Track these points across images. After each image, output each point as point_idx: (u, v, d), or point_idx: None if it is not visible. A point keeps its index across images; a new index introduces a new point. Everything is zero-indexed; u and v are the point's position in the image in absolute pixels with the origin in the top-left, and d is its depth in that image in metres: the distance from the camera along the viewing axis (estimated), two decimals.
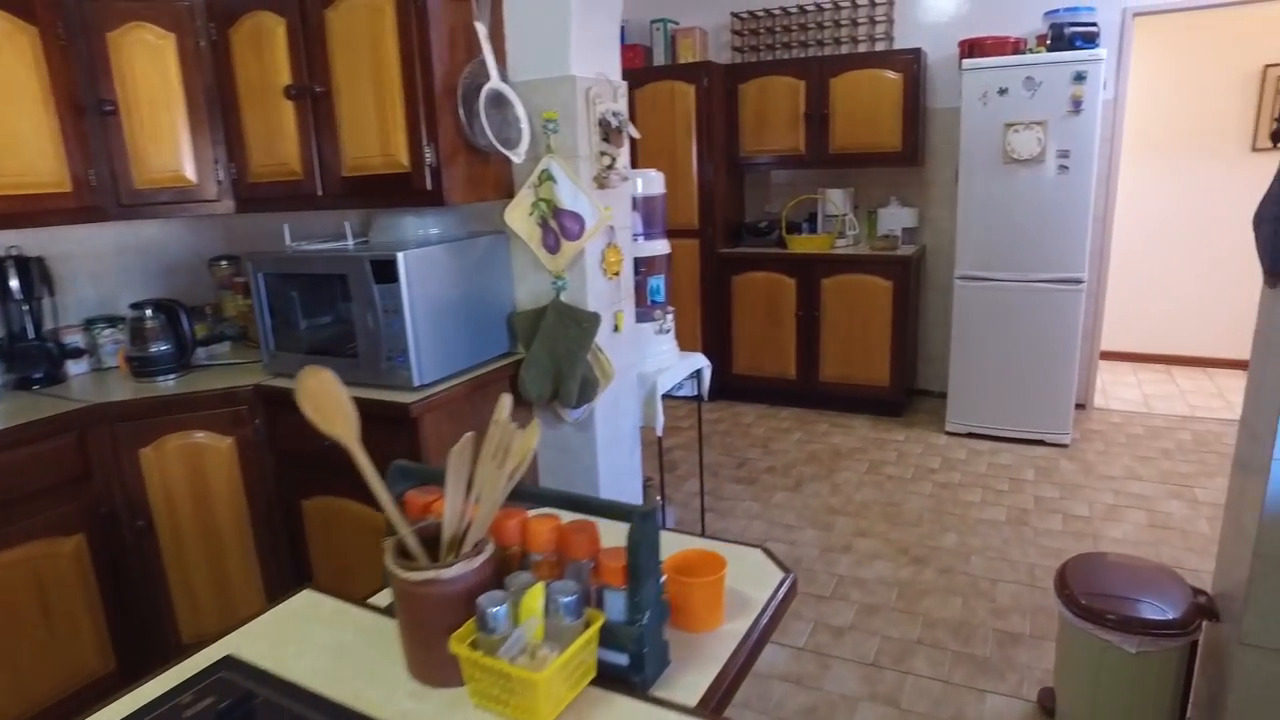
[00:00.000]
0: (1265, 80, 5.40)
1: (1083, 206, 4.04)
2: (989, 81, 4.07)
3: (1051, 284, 4.17)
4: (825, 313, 4.87)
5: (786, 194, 5.37)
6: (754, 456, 4.41)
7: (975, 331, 4.39)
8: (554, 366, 2.41)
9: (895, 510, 3.69)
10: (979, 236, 4.27)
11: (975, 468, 4.14)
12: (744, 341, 5.15)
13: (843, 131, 4.82)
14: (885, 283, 4.68)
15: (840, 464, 4.25)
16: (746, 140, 5.10)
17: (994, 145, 4.12)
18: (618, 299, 2.58)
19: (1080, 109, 3.92)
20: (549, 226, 2.35)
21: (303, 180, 2.34)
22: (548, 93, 2.31)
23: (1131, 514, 3.61)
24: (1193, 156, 5.65)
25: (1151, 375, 5.68)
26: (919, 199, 5.08)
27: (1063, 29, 4.04)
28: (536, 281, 2.48)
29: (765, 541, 3.46)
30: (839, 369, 4.92)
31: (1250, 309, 5.64)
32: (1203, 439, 4.47)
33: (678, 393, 3.06)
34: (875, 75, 4.69)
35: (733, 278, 5.08)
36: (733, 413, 5.13)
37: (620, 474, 2.71)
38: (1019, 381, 4.35)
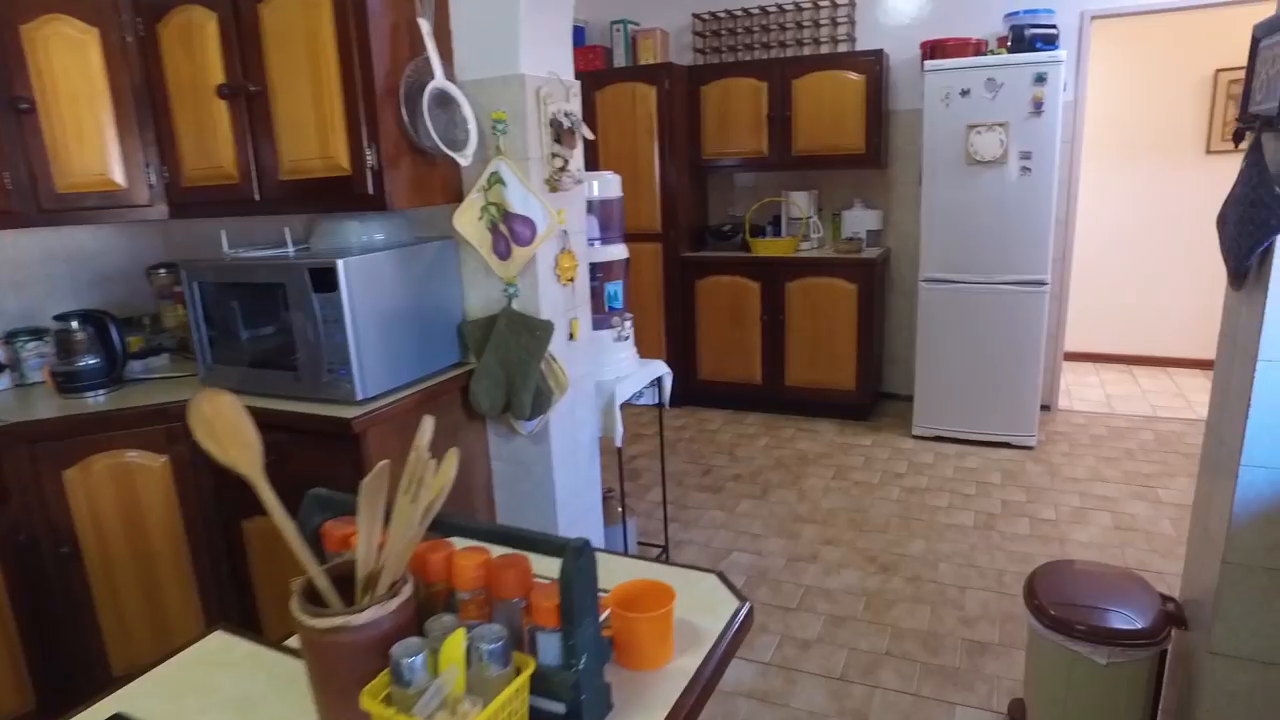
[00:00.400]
0: (1217, 84, 5.45)
1: (1045, 208, 4.03)
2: (951, 83, 4.04)
3: (1015, 286, 4.15)
4: (790, 317, 4.81)
5: (750, 197, 5.31)
6: (720, 463, 4.34)
7: (940, 335, 4.36)
8: (506, 377, 2.31)
9: (862, 517, 3.64)
10: (943, 239, 4.24)
11: (942, 472, 4.10)
12: (709, 346, 5.08)
13: (806, 133, 4.78)
14: (850, 286, 4.64)
15: (807, 470, 4.19)
16: (709, 142, 5.04)
17: (957, 147, 4.10)
18: (573, 306, 2.49)
19: (1041, 110, 3.91)
20: (499, 231, 2.26)
21: (239, 184, 2.22)
22: (496, 92, 2.22)
23: (1097, 516, 3.58)
24: (1149, 159, 5.69)
25: (1114, 375, 5.70)
26: (883, 201, 5.05)
27: (1023, 30, 4.03)
28: (487, 288, 2.38)
29: (731, 551, 3.39)
30: (805, 373, 4.87)
31: (1209, 309, 5.69)
32: (1164, 439, 4.48)
33: (638, 401, 2.97)
34: (837, 77, 4.65)
35: (696, 282, 5.01)
36: (698, 419, 5.06)
37: (579, 487, 2.62)
38: (985, 384, 4.32)
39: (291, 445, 2.12)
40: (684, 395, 5.25)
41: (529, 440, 2.46)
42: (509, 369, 2.30)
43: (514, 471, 2.52)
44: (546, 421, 2.41)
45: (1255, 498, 1.77)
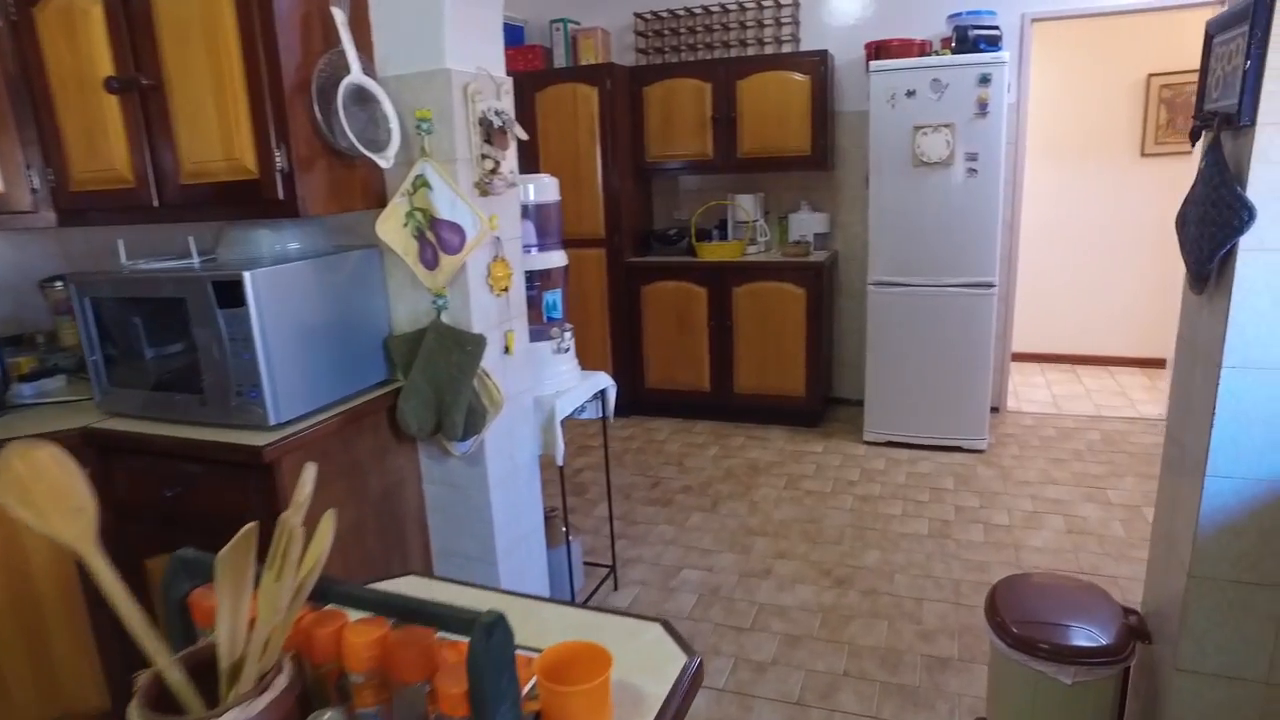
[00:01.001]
0: (1150, 88, 5.52)
1: (992, 210, 3.99)
2: (896, 83, 3.98)
3: (964, 288, 4.11)
4: (738, 322, 4.71)
5: (696, 200, 5.21)
6: (669, 475, 4.21)
7: (890, 339, 4.30)
8: (436, 396, 2.14)
9: (815, 528, 3.54)
10: (891, 241, 4.19)
11: (895, 478, 4.03)
12: (655, 354, 4.95)
13: (751, 135, 4.69)
14: (798, 290, 4.56)
15: (758, 480, 4.09)
16: (653, 145, 4.92)
17: (903, 148, 4.04)
18: (508, 318, 2.33)
19: (986, 111, 3.87)
20: (426, 239, 2.10)
21: (135, 188, 2.02)
22: (420, 88, 2.05)
23: (1050, 520, 3.54)
24: (1086, 161, 5.74)
25: (1059, 376, 5.73)
26: (830, 204, 4.98)
27: (966, 31, 3.99)
28: (415, 300, 2.21)
29: (681, 569, 3.26)
30: (754, 380, 4.77)
31: (1146, 309, 5.76)
32: (1110, 438, 4.49)
33: (581, 415, 2.83)
34: (782, 77, 4.57)
35: (642, 288, 4.88)
36: (646, 429, 4.93)
37: (518, 509, 2.46)
38: (935, 388, 4.27)
39: (198, 478, 1.93)
40: (631, 405, 5.12)
41: (463, 462, 2.29)
42: (439, 387, 2.14)
43: (448, 495, 2.35)
44: (481, 442, 2.25)
45: (1221, 508, 1.70)
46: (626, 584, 3.17)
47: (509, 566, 2.43)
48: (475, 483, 2.30)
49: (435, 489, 2.36)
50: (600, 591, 3.10)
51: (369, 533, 2.16)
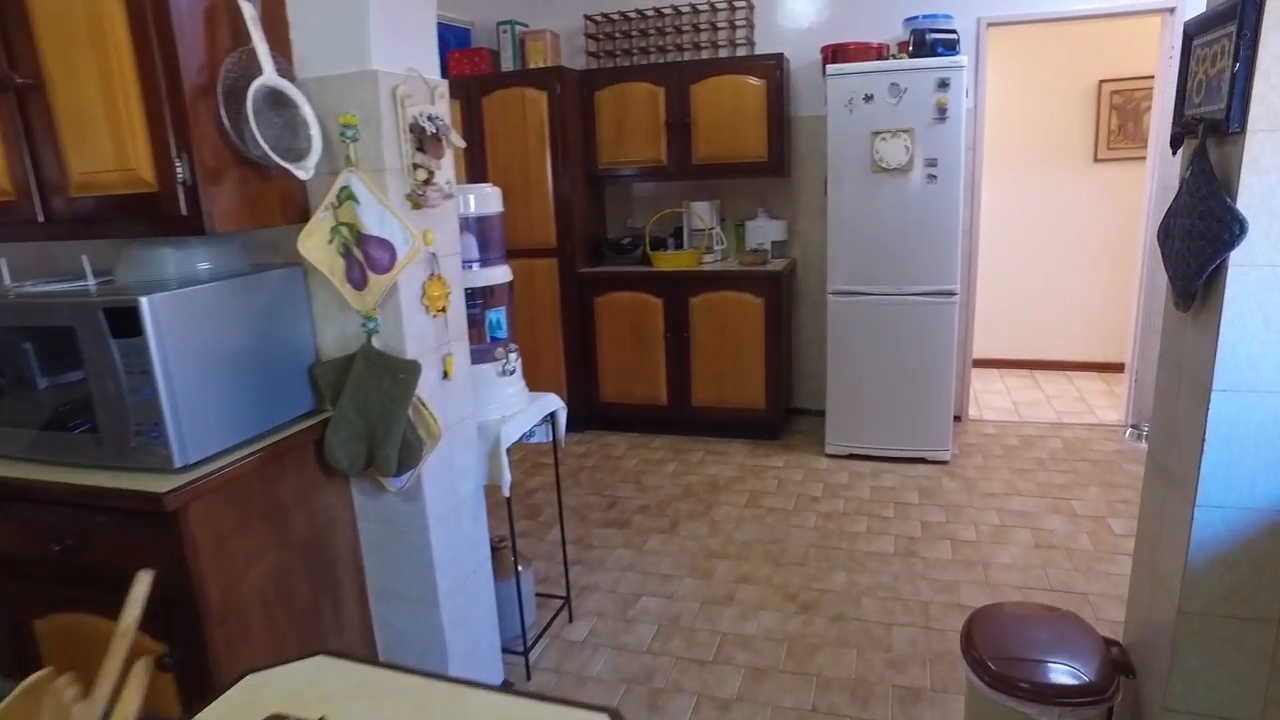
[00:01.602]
0: (1101, 95, 5.52)
1: (952, 217, 3.91)
2: (854, 87, 3.88)
3: (925, 297, 4.02)
4: (695, 333, 4.58)
5: (650, 208, 5.06)
6: (626, 494, 4.05)
7: (851, 349, 4.19)
8: (367, 428, 1.96)
9: (779, 549, 3.41)
10: (850, 250, 4.08)
11: (858, 493, 3.92)
12: (611, 367, 4.79)
13: (706, 141, 4.55)
14: (756, 300, 4.43)
15: (718, 497, 3.95)
16: (605, 151, 4.76)
17: (862, 154, 3.94)
18: (446, 340, 2.15)
19: (945, 117, 3.78)
20: (353, 257, 1.91)
21: (16, 200, 1.80)
22: (344, 92, 1.87)
23: (1017, 534, 3.46)
24: (1041, 166, 5.72)
25: (1018, 381, 5.70)
26: (787, 211, 4.88)
27: (924, 35, 3.91)
28: (343, 324, 2.02)
29: (640, 596, 3.10)
30: (712, 392, 4.64)
31: (1101, 314, 5.76)
32: (1072, 446, 4.44)
33: (531, 440, 2.65)
34: (737, 81, 4.45)
35: (595, 299, 4.72)
36: (602, 444, 4.76)
37: (461, 545, 2.28)
38: (897, 399, 4.18)
39: (93, 529, 1.71)
40: (586, 420, 4.95)
41: (399, 498, 2.11)
42: (370, 418, 1.95)
43: (384, 533, 2.16)
44: (419, 476, 2.07)
45: (1212, 539, 1.59)
46: (582, 615, 3.00)
47: (453, 608, 2.24)
48: (413, 520, 2.12)
49: (371, 527, 2.17)
50: (555, 624, 2.93)
51: (296, 580, 1.96)
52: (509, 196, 4.66)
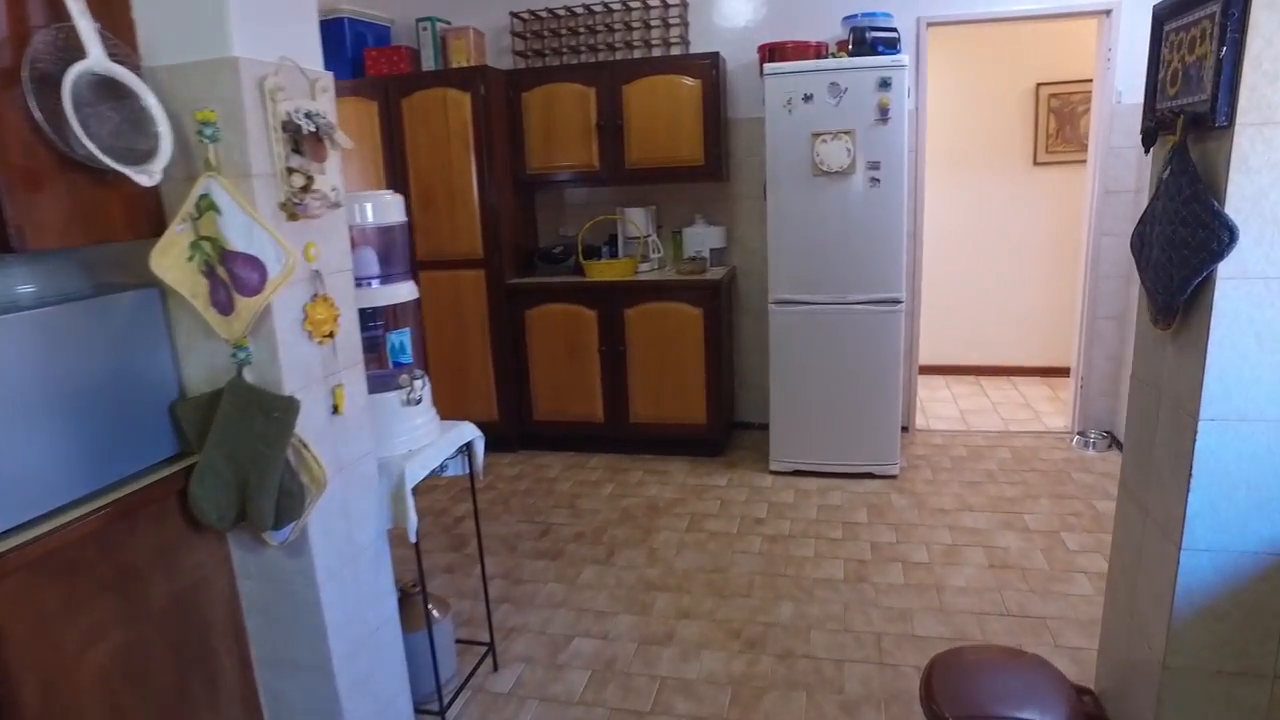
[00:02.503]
0: (1039, 98, 5.47)
1: (896, 222, 3.76)
2: (792, 87, 3.70)
3: (870, 305, 3.86)
4: (631, 346, 4.35)
5: (583, 215, 4.82)
6: (560, 520, 3.79)
7: (794, 361, 4.01)
8: (237, 475, 1.67)
9: (722, 578, 3.19)
10: (792, 257, 3.90)
11: (805, 513, 3.73)
12: (543, 383, 4.53)
13: (639, 144, 4.33)
14: (694, 310, 4.22)
15: (658, 522, 3.72)
16: (534, 155, 4.50)
17: (802, 156, 3.76)
18: (335, 370, 1.87)
19: (888, 117, 3.63)
20: (217, 276, 1.63)
21: None
22: (200, 83, 1.59)
23: (970, 554, 3.30)
24: (981, 170, 5.65)
25: (964, 388, 5.60)
26: (725, 216, 4.68)
27: (864, 33, 3.75)
28: (212, 354, 1.73)
29: (572, 638, 2.85)
30: (650, 408, 4.41)
31: (1043, 319, 5.70)
32: (1021, 455, 4.33)
33: (444, 474, 2.39)
34: (672, 81, 4.24)
35: (526, 311, 4.45)
36: (536, 465, 4.49)
37: (360, 600, 2.00)
38: (843, 412, 4.00)
39: None
40: (519, 439, 4.68)
41: (284, 552, 1.82)
42: (241, 464, 1.66)
43: (269, 592, 1.87)
44: (304, 526, 1.79)
45: (1199, 587, 1.41)
46: (509, 662, 2.73)
47: (352, 672, 1.96)
48: (300, 576, 1.83)
49: (253, 586, 1.88)
50: (477, 675, 2.65)
51: (155, 656, 1.67)
52: (432, 204, 4.39)
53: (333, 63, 4.50)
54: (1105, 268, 4.35)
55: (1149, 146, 1.50)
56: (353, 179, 4.44)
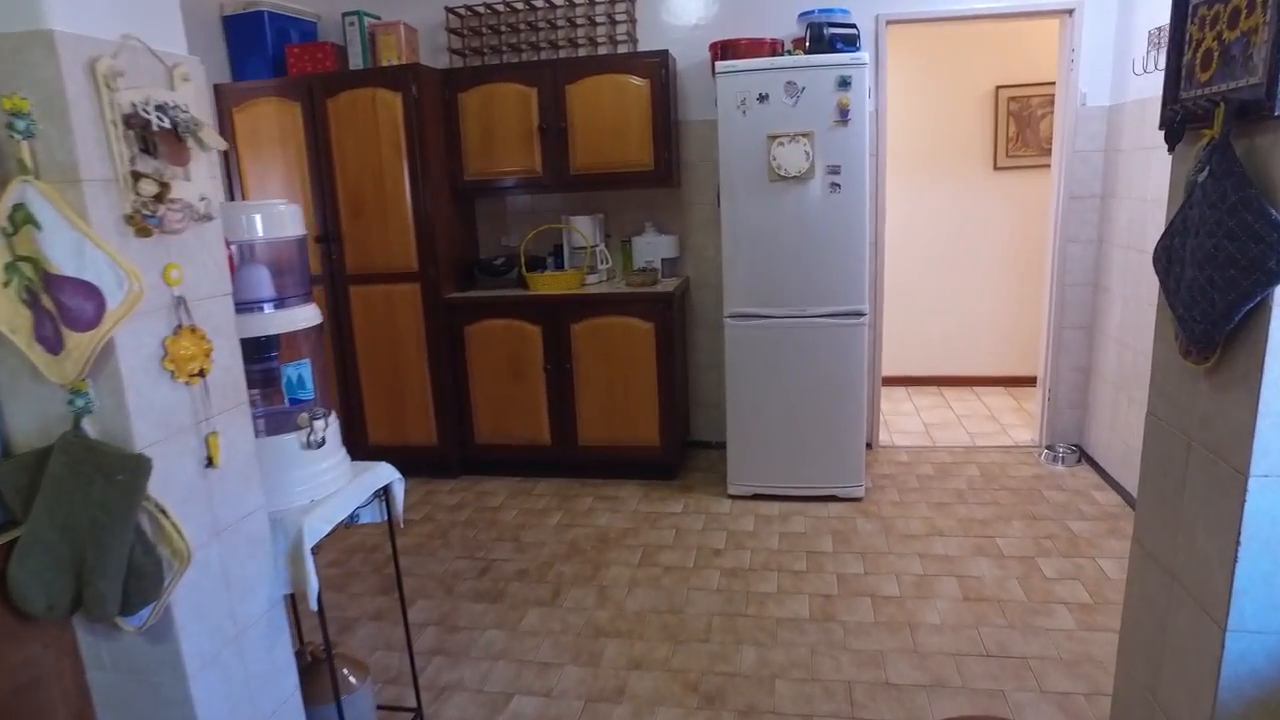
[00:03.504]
0: (998, 101, 5.32)
1: (858, 230, 3.53)
2: (747, 86, 3.45)
3: (831, 318, 3.62)
4: (579, 364, 4.06)
5: (527, 224, 4.53)
6: (502, 555, 3.48)
7: (752, 378, 3.75)
8: (73, 552, 1.35)
9: (678, 621, 2.91)
10: (748, 268, 3.65)
11: (766, 542, 3.48)
12: (486, 404, 4.22)
13: (585, 148, 4.05)
14: (645, 324, 3.95)
15: (608, 555, 3.43)
16: (472, 160, 4.20)
17: (758, 160, 3.51)
18: (207, 414, 1.56)
19: (848, 118, 3.40)
20: (41, 306, 1.30)
21: None
22: (6, 61, 1.27)
23: (943, 585, 3.07)
24: (941, 175, 5.48)
25: (927, 400, 5.41)
26: (678, 224, 4.42)
27: (821, 29, 3.52)
28: (41, 401, 1.40)
29: (512, 695, 2.55)
30: (600, 430, 4.12)
31: (1007, 327, 5.54)
32: (989, 472, 4.13)
33: (358, 523, 2.08)
34: (618, 81, 3.97)
35: (465, 328, 4.14)
36: (478, 493, 4.17)
37: (248, 684, 1.68)
38: (804, 432, 3.76)
39: None
40: (461, 464, 4.35)
41: (144, 637, 1.50)
42: (77, 539, 1.34)
43: (127, 687, 1.55)
44: (167, 606, 1.47)
45: (1250, 676, 1.17)
46: None
47: None
48: (164, 666, 1.51)
49: (106, 678, 1.55)
50: None
51: None
52: (362, 213, 4.06)
53: (252, 61, 4.18)
54: (1072, 276, 4.18)
55: (1174, 144, 1.27)
56: (274, 187, 4.09)
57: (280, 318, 1.83)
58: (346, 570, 3.39)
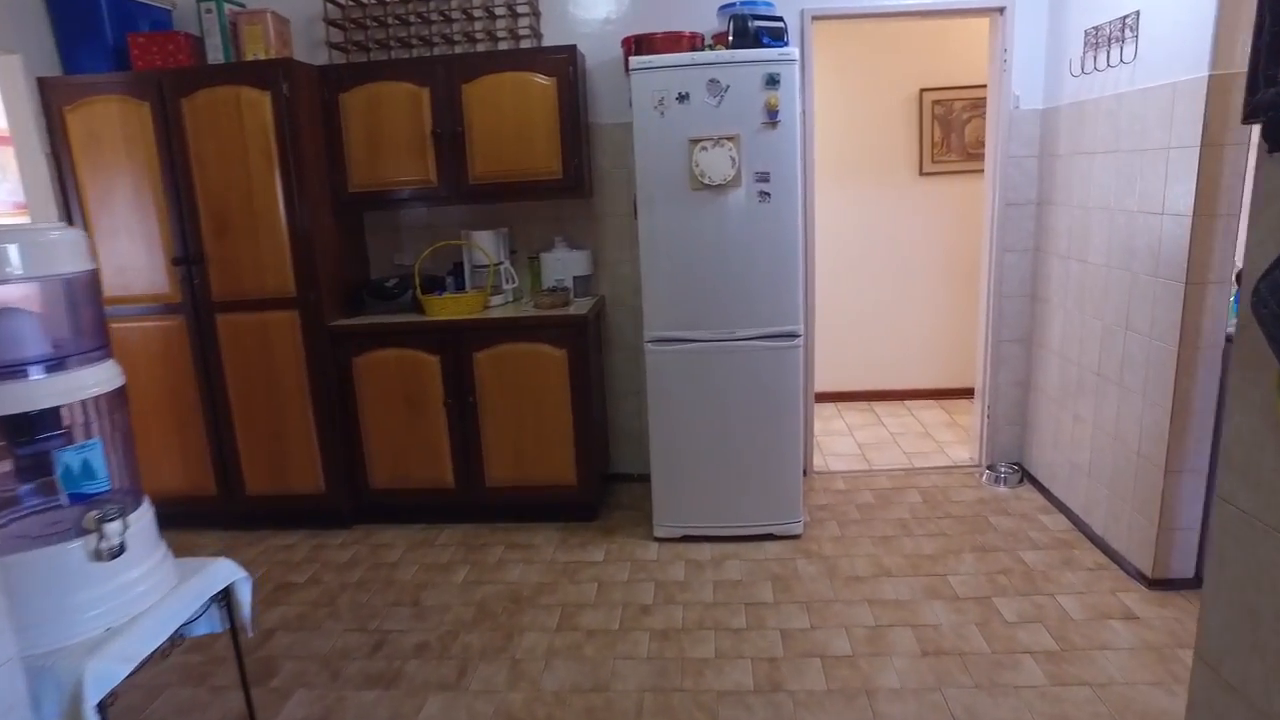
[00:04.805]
0: (922, 105, 5.12)
1: (790, 243, 3.21)
2: (665, 84, 3.09)
3: (763, 341, 3.29)
4: (484, 397, 3.61)
5: (424, 240, 4.06)
6: (398, 626, 3.01)
7: (677, 409, 3.38)
8: None
9: (603, 701, 2.50)
10: (669, 286, 3.28)
11: (699, 593, 3.10)
12: (380, 445, 3.73)
13: (485, 155, 3.62)
14: (557, 351, 3.54)
15: (521, 619, 3.00)
16: (357, 169, 3.71)
17: (678, 167, 3.15)
18: None
19: (777, 120, 3.07)
20: None
21: None
22: None
23: (898, 638, 2.75)
24: (866, 180, 5.25)
25: (858, 418, 5.16)
26: (591, 238, 4.03)
27: (746, 22, 3.19)
28: None
29: None
30: (509, 469, 3.69)
31: (937, 337, 5.35)
32: (932, 498, 3.88)
33: (191, 635, 1.60)
34: (521, 80, 3.56)
35: (354, 359, 3.64)
36: (373, 546, 3.67)
37: None
38: (736, 465, 3.41)
39: None
40: (353, 513, 3.85)
41: None
42: None
43: None
44: None
45: None
46: None
47: None
48: None
49: None
50: None
51: None
52: (227, 231, 3.52)
53: (86, 51, 3.55)
54: (1009, 287, 3.97)
55: (1276, 144, 0.94)
56: (121, 201, 3.52)
57: (55, 385, 1.35)
58: (210, 656, 2.86)
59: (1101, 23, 3.22)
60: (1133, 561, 3.07)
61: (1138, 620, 2.79)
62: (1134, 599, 2.92)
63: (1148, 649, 2.63)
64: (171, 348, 3.63)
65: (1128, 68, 3.04)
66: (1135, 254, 3.00)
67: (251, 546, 3.70)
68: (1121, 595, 2.95)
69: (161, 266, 3.56)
